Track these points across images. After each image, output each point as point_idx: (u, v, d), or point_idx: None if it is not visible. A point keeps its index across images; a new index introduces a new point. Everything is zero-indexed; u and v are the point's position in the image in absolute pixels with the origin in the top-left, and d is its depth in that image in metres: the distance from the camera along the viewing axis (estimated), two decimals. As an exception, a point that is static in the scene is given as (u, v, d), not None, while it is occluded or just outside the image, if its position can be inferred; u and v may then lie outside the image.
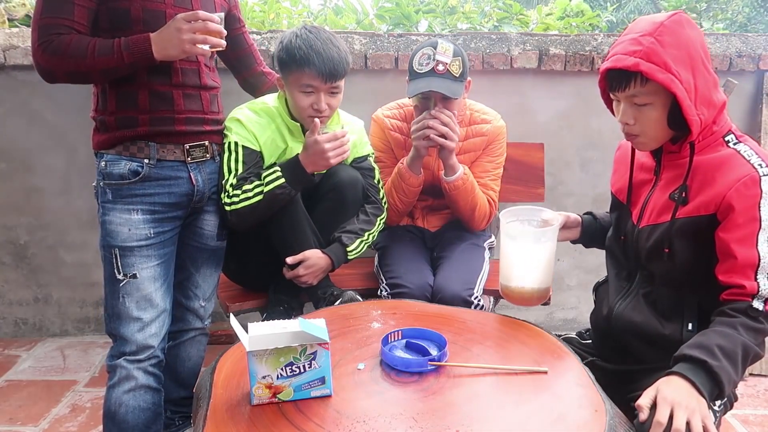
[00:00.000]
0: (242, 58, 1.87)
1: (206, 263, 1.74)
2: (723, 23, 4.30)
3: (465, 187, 1.92)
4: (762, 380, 2.36)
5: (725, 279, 1.19)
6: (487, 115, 2.04)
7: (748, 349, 1.13)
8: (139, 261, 1.52)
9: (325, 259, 1.78)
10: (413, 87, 1.82)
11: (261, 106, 1.80)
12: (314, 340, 1.09)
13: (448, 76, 1.80)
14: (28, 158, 2.52)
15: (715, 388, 1.10)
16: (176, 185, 1.57)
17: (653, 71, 1.15)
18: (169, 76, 1.51)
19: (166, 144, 1.54)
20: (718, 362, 1.10)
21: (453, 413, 1.06)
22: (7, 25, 2.50)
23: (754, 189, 1.16)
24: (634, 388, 1.31)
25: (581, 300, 2.75)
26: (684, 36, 1.18)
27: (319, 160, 1.66)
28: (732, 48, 2.45)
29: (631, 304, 1.34)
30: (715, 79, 1.23)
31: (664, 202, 1.29)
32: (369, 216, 1.89)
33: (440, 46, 1.81)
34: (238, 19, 1.79)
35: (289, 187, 1.67)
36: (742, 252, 1.16)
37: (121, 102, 1.49)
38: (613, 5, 7.47)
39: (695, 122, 1.18)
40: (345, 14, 2.88)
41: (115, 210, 1.51)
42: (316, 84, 1.68)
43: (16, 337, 2.70)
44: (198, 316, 1.77)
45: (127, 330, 1.51)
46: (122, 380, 1.52)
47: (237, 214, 1.69)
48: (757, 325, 1.15)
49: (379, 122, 2.06)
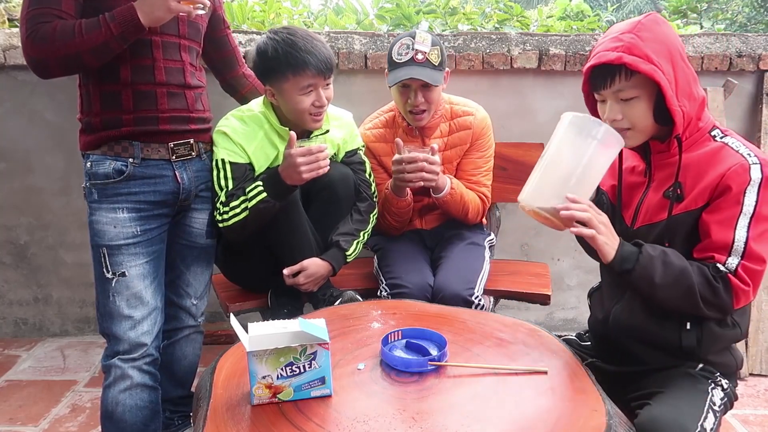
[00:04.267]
0: (226, 59, 1.87)
1: (196, 261, 1.74)
2: (723, 23, 4.29)
3: (454, 199, 1.94)
4: (762, 380, 2.36)
5: (698, 255, 1.23)
6: (468, 107, 2.05)
7: (687, 274, 1.18)
8: (127, 259, 1.52)
9: (325, 266, 1.78)
10: (393, 76, 1.86)
11: (247, 113, 1.79)
12: (314, 340, 1.09)
13: (428, 64, 1.83)
14: (28, 158, 2.52)
15: (630, 257, 1.19)
16: (161, 183, 1.57)
17: (637, 63, 1.18)
18: (152, 75, 1.51)
19: (151, 143, 1.54)
20: (653, 252, 1.19)
21: (453, 413, 1.06)
22: (7, 25, 2.50)
23: (744, 176, 1.18)
24: (634, 389, 1.31)
25: (581, 300, 2.75)
26: (661, 32, 1.22)
27: (293, 174, 1.63)
28: (732, 48, 2.45)
29: (628, 307, 1.34)
30: (695, 76, 1.25)
31: (659, 201, 1.30)
32: (362, 215, 1.90)
33: (418, 36, 1.85)
34: (222, 20, 1.79)
35: (272, 201, 1.67)
36: (719, 233, 1.19)
37: (106, 103, 1.49)
38: (613, 5, 7.47)
39: (678, 113, 1.20)
40: (345, 14, 2.88)
41: (101, 209, 1.52)
42: (316, 81, 1.68)
43: (16, 337, 2.70)
44: (190, 314, 1.77)
45: (119, 328, 1.51)
46: (118, 380, 1.52)
47: (230, 230, 1.71)
48: (710, 275, 1.18)
49: (363, 140, 2.04)
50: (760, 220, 1.17)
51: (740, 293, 1.18)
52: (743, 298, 1.19)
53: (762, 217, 1.17)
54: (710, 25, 3.55)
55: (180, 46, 1.56)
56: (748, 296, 1.19)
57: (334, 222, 1.86)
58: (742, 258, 1.17)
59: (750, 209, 1.17)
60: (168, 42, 1.53)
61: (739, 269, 1.17)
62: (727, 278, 1.17)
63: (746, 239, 1.17)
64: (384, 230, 2.05)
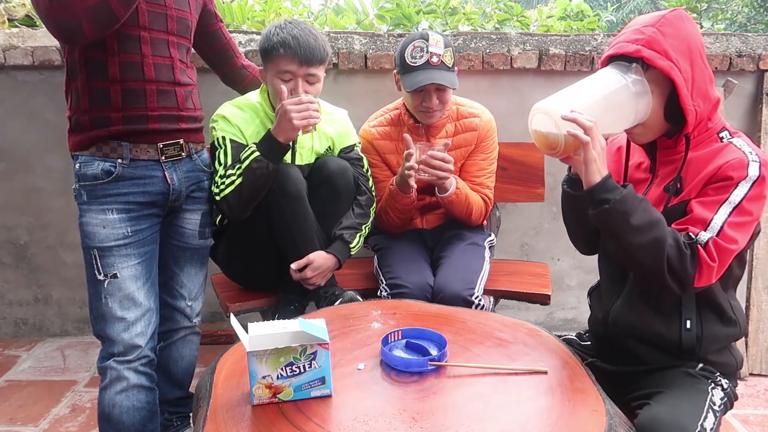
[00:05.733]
0: (221, 53, 1.87)
1: (190, 262, 1.74)
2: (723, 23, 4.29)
3: (459, 199, 1.94)
4: (762, 380, 2.36)
5: (675, 227, 1.22)
6: (474, 109, 2.05)
7: (662, 226, 1.18)
8: (118, 260, 1.51)
9: (331, 259, 1.79)
10: (411, 80, 1.84)
11: (244, 101, 1.84)
12: (314, 340, 1.09)
13: (443, 67, 1.84)
14: (28, 158, 2.52)
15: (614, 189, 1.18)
16: (151, 184, 1.56)
17: (654, 58, 1.18)
18: (141, 71, 1.50)
19: (139, 143, 1.53)
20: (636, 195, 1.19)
21: (453, 413, 1.06)
22: (7, 25, 2.50)
23: (741, 170, 1.19)
24: (634, 389, 1.31)
25: (581, 300, 2.75)
26: (684, 29, 1.22)
27: (285, 124, 1.64)
28: (732, 48, 2.45)
29: (627, 304, 1.34)
30: (712, 76, 1.25)
31: (659, 195, 1.30)
32: (363, 209, 1.92)
33: (432, 38, 1.84)
34: (214, 15, 1.79)
35: (264, 160, 1.67)
36: (700, 212, 1.20)
37: (94, 100, 1.49)
38: (613, 5, 7.47)
39: (691, 112, 1.20)
40: (345, 14, 2.88)
41: (90, 211, 1.51)
42: (293, 69, 1.69)
43: (16, 337, 2.70)
44: (185, 315, 1.76)
45: (113, 330, 1.51)
46: (113, 381, 1.51)
47: (225, 201, 1.71)
48: (681, 241, 1.18)
49: (366, 136, 2.06)
50: (742, 213, 1.18)
51: (704, 268, 1.17)
52: (705, 276, 1.18)
53: (744, 211, 1.18)
54: (710, 25, 3.54)
55: (169, 43, 1.55)
56: (711, 274, 1.18)
57: (336, 214, 1.87)
58: (716, 235, 1.17)
59: (736, 199, 1.18)
60: (156, 38, 1.52)
61: (709, 243, 1.17)
62: (696, 248, 1.17)
63: (724, 222, 1.17)
64: (385, 228, 2.06)
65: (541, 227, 2.69)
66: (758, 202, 1.19)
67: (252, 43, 2.37)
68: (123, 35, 1.46)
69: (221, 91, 2.04)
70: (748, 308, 2.41)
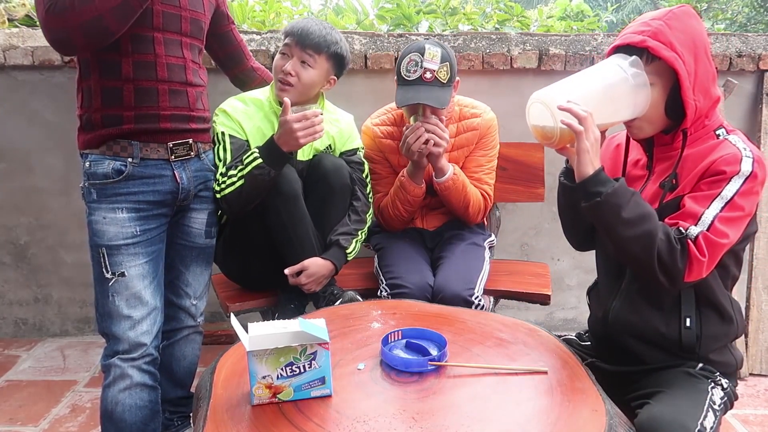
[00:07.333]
0: (232, 55, 1.88)
1: (195, 261, 1.75)
2: (723, 23, 4.30)
3: (456, 186, 1.93)
4: (762, 380, 2.36)
5: (666, 222, 1.22)
6: (476, 109, 2.05)
7: (653, 220, 1.18)
8: (126, 259, 1.52)
9: (326, 265, 1.80)
10: (401, 96, 1.84)
11: (249, 96, 1.87)
12: (314, 340, 1.09)
13: (436, 83, 1.81)
14: (28, 158, 2.52)
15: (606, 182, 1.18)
16: (160, 183, 1.56)
17: (659, 48, 1.19)
18: (154, 71, 1.51)
19: (150, 143, 1.54)
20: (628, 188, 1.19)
21: (453, 413, 1.06)
22: (7, 25, 2.50)
23: (734, 165, 1.19)
24: (633, 389, 1.31)
25: (581, 300, 2.75)
26: (691, 25, 1.23)
27: (289, 140, 1.67)
28: (732, 48, 2.45)
29: (626, 302, 1.34)
30: (715, 74, 1.26)
31: (654, 191, 1.31)
32: (360, 215, 1.92)
33: (427, 53, 1.81)
34: (226, 16, 1.80)
35: (267, 167, 1.69)
36: (692, 206, 1.20)
37: (107, 98, 1.49)
38: (613, 6, 7.47)
39: (691, 106, 1.21)
40: (345, 14, 2.88)
41: (100, 209, 1.51)
42: (290, 43, 1.76)
43: (16, 337, 2.70)
44: (190, 314, 1.77)
45: (119, 328, 1.51)
46: (117, 379, 1.52)
47: (226, 200, 1.73)
48: (672, 235, 1.18)
49: (369, 132, 2.07)
50: (734, 208, 1.18)
51: (694, 263, 1.17)
52: (696, 270, 1.17)
53: (736, 206, 1.18)
54: (710, 25, 3.55)
55: (182, 43, 1.56)
56: (701, 269, 1.18)
57: (331, 214, 1.87)
58: (706, 230, 1.17)
59: (728, 195, 1.18)
60: (170, 39, 1.53)
61: (699, 238, 1.17)
62: (686, 243, 1.17)
63: (715, 216, 1.18)
64: (389, 223, 2.05)
65: (541, 227, 2.69)
66: (750, 197, 1.19)
67: (252, 43, 2.37)
68: (137, 37, 1.46)
69: (221, 90, 2.04)
70: (748, 308, 2.41)
